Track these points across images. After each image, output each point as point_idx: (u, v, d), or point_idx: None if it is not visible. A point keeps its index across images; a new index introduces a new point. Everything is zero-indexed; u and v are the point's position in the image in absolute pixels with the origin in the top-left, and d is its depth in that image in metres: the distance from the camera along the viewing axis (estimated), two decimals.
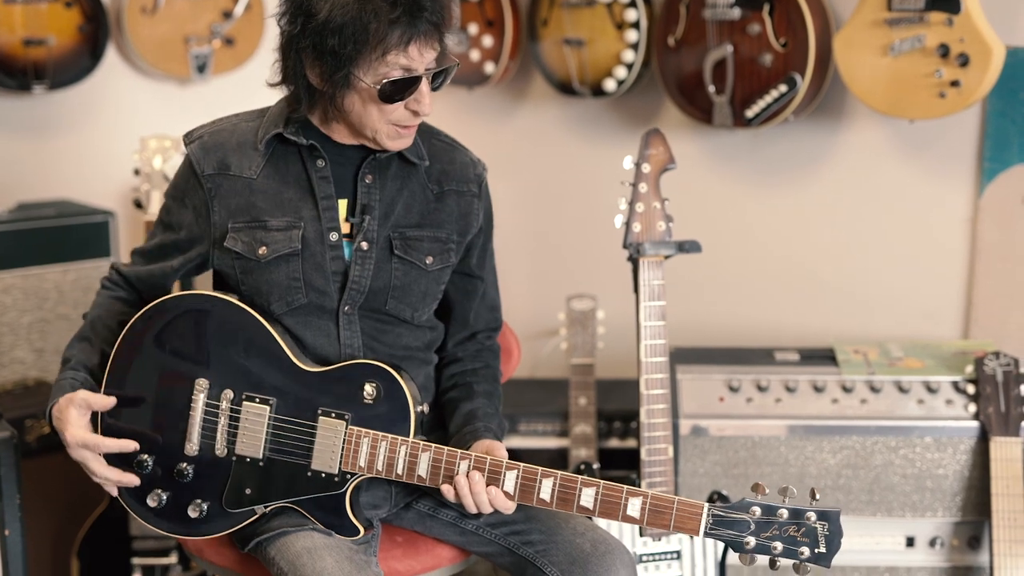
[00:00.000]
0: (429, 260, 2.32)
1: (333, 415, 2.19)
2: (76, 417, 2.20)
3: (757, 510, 2.05)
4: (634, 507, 2.09)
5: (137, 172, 3.20)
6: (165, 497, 2.24)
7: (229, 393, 2.22)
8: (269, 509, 2.23)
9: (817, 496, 2.07)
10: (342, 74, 2.11)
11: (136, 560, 3.25)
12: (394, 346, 2.34)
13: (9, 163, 3.66)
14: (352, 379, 2.20)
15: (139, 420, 2.25)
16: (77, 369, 2.28)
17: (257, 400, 2.21)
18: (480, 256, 2.44)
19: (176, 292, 2.32)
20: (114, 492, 2.27)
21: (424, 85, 2.16)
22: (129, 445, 2.22)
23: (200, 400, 2.22)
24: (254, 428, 2.21)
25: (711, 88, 3.39)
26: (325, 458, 2.19)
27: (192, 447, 2.23)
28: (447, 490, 2.15)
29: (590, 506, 2.10)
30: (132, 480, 2.23)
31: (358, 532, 2.22)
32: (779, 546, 2.05)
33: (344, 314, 2.28)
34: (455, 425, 2.37)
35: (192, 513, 2.23)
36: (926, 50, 3.07)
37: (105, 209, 3.49)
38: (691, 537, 2.76)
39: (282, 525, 2.21)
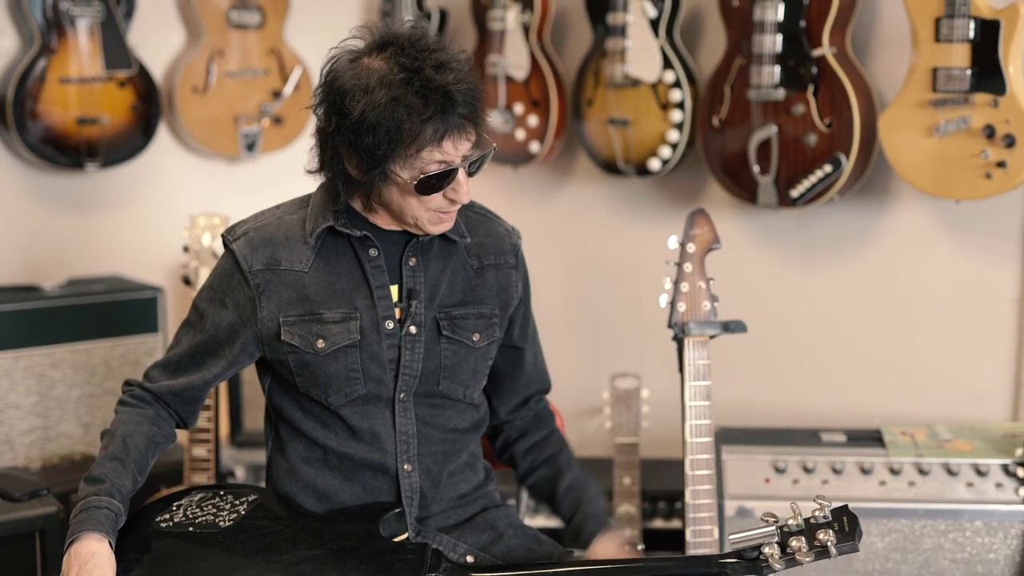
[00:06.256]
0: (476, 337, 2.32)
1: None
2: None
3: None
4: None
5: (186, 249, 3.24)
6: None
7: None
8: None
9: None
10: (379, 171, 2.12)
11: None
12: (444, 428, 2.33)
13: (61, 239, 3.71)
14: None
15: None
16: (112, 496, 2.13)
17: None
18: (522, 325, 2.45)
19: None
20: None
21: (461, 174, 2.16)
22: None
23: None
24: None
25: (756, 168, 3.40)
26: None
27: None
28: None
29: None
30: None
31: None
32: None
33: (400, 401, 2.27)
34: (567, 511, 2.44)
35: None
36: (972, 131, 3.07)
37: (154, 285, 3.53)
38: None
39: None
